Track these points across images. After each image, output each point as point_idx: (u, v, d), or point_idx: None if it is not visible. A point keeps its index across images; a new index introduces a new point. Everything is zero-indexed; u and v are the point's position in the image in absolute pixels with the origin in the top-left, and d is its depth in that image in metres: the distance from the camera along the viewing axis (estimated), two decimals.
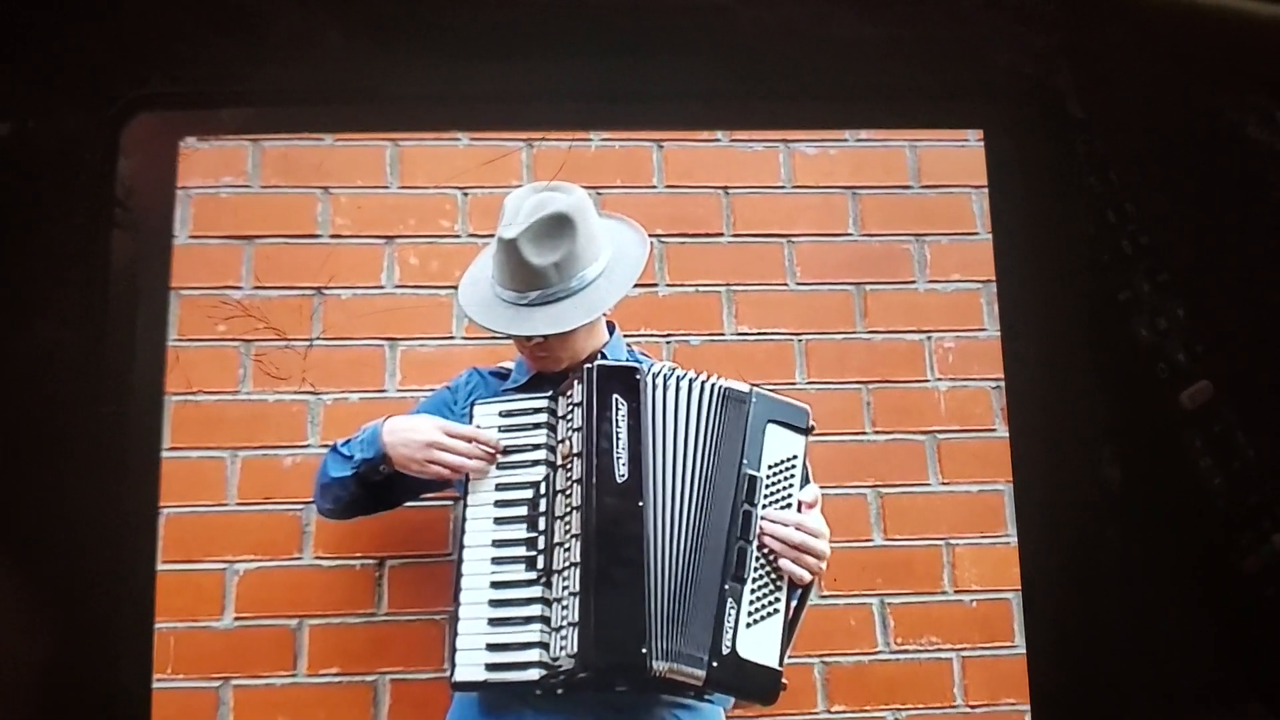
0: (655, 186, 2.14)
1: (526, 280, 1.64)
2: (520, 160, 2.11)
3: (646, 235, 1.77)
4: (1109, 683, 1.21)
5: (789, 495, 1.61)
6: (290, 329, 2.00)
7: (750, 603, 1.55)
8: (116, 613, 1.25)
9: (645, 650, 1.49)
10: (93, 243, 1.21)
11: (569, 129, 2.04)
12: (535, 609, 1.56)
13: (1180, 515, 1.21)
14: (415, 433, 1.65)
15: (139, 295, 1.28)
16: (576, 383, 1.60)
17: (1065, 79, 1.18)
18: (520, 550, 1.59)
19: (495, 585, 1.58)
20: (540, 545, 1.58)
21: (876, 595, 2.03)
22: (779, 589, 1.57)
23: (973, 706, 1.99)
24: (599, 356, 1.72)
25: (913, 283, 2.13)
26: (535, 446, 1.63)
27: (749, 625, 1.54)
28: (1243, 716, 1.18)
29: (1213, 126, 1.14)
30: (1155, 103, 1.17)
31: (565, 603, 1.53)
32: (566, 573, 1.54)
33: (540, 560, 1.58)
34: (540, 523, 1.59)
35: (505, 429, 1.65)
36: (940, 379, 2.10)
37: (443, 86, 1.29)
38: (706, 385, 1.61)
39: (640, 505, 1.55)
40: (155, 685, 1.35)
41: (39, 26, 1.13)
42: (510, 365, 1.81)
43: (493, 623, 1.57)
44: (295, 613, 1.91)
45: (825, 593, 2.01)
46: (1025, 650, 1.39)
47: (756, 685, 1.55)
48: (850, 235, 2.15)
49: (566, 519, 1.56)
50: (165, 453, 1.75)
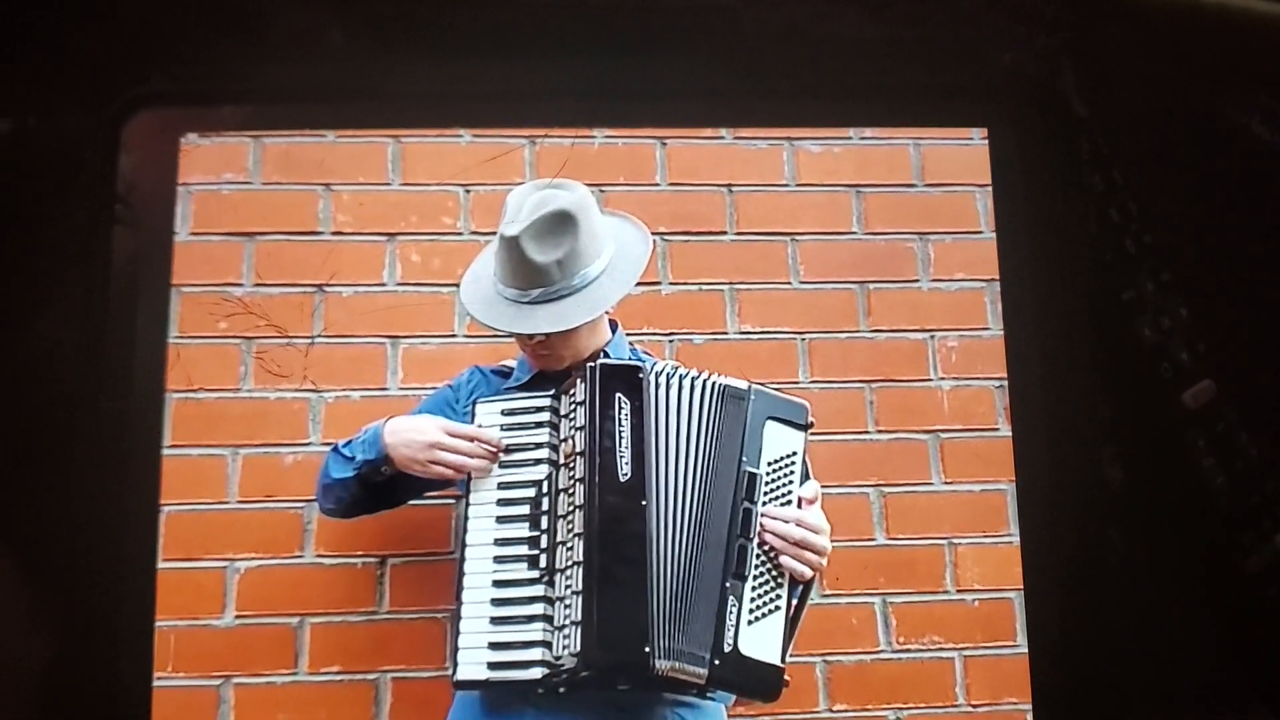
0: (658, 184, 2.14)
1: (529, 278, 1.64)
2: (523, 157, 2.11)
3: (649, 233, 1.76)
4: (1111, 683, 1.21)
5: (789, 492, 1.61)
6: (292, 326, 2.00)
7: (751, 600, 1.55)
8: (117, 611, 1.25)
9: (648, 649, 1.49)
10: (93, 240, 1.21)
11: (572, 126, 2.04)
12: (538, 607, 1.56)
13: (1183, 515, 1.21)
14: (417, 433, 1.64)
15: (140, 292, 1.27)
16: (579, 381, 1.60)
17: (1068, 78, 1.18)
18: (523, 549, 1.59)
19: (497, 584, 1.58)
20: (543, 544, 1.58)
21: (879, 594, 2.03)
22: (780, 586, 1.57)
23: (974, 706, 1.99)
24: (601, 355, 1.72)
25: (916, 281, 2.13)
26: (538, 445, 1.63)
27: (750, 623, 1.54)
28: (1245, 717, 1.18)
29: (1216, 125, 1.14)
30: (1158, 102, 1.16)
31: (568, 601, 1.53)
32: (569, 571, 1.54)
33: (543, 559, 1.58)
34: (543, 521, 1.59)
35: (507, 427, 1.65)
36: (943, 378, 2.10)
37: (445, 83, 1.29)
38: (705, 383, 1.61)
39: (643, 504, 1.55)
40: (156, 683, 1.34)
41: (39, 23, 1.13)
42: (512, 363, 1.81)
43: (495, 621, 1.57)
44: (296, 611, 1.91)
45: (827, 592, 2.01)
46: (1027, 650, 1.39)
47: (759, 682, 1.55)
48: (854, 234, 2.15)
49: (569, 517, 1.56)
50: (166, 450, 1.75)
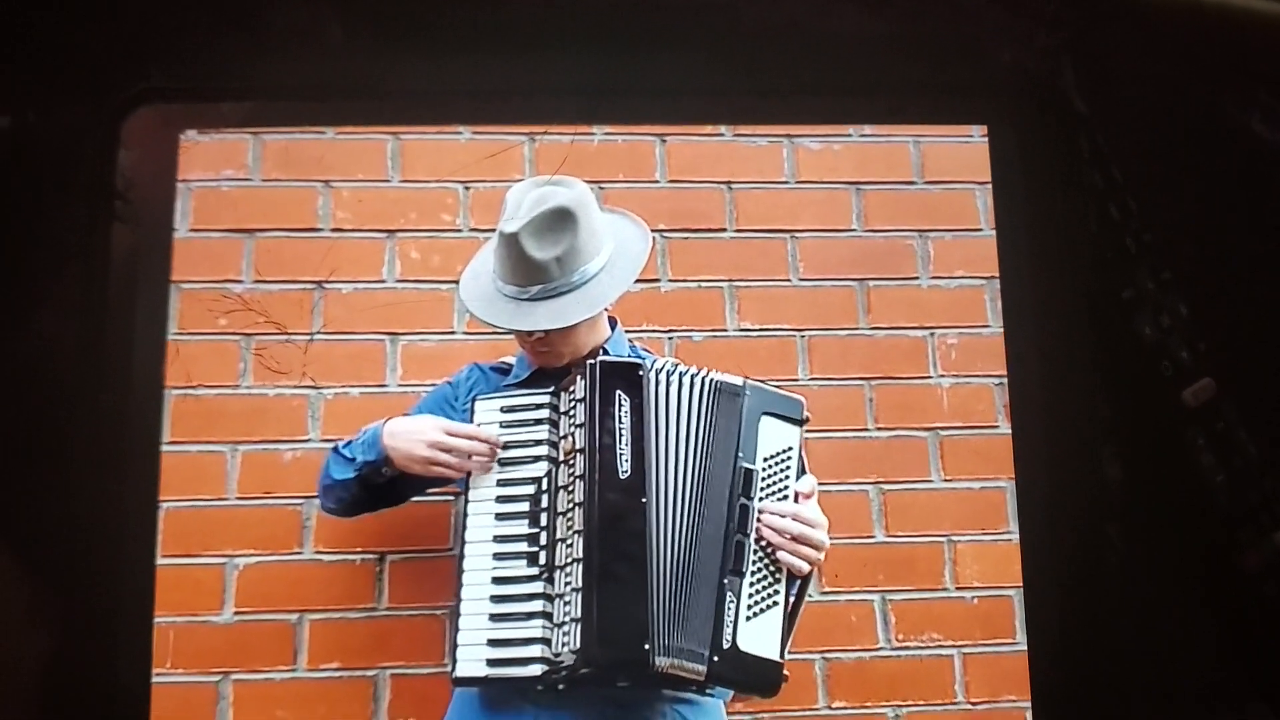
0: (658, 181, 2.14)
1: (528, 274, 1.63)
2: (522, 154, 2.11)
3: (649, 230, 1.76)
4: (1110, 680, 1.21)
5: (785, 487, 1.60)
6: (291, 323, 2.00)
7: (749, 596, 1.55)
8: (116, 607, 1.25)
9: (647, 646, 1.49)
10: (92, 236, 1.20)
11: (571, 123, 2.04)
12: (537, 604, 1.56)
13: (1182, 512, 1.21)
14: (416, 434, 1.64)
15: (139, 288, 1.27)
16: (579, 378, 1.60)
17: (1068, 76, 1.18)
18: (522, 546, 1.59)
19: (497, 581, 1.58)
20: (542, 541, 1.58)
21: (878, 591, 2.03)
22: (778, 581, 1.57)
23: (974, 703, 1.99)
24: (601, 352, 1.72)
25: (916, 279, 2.13)
26: (537, 442, 1.63)
27: (749, 619, 1.54)
28: (1243, 714, 1.18)
29: (1217, 123, 1.14)
30: (1159, 100, 1.16)
31: (567, 598, 1.53)
32: (569, 568, 1.54)
33: (542, 556, 1.58)
34: (542, 518, 1.59)
35: (507, 424, 1.65)
36: (943, 375, 2.10)
37: (444, 81, 1.28)
38: (700, 379, 1.61)
39: (643, 501, 1.55)
40: (155, 680, 1.34)
41: (39, 20, 1.12)
42: (511, 360, 1.81)
43: (494, 618, 1.57)
44: (295, 607, 1.91)
45: (827, 589, 2.01)
46: (1026, 647, 1.39)
47: (758, 678, 1.55)
48: (854, 231, 2.15)
49: (569, 515, 1.56)
50: (165, 447, 1.76)
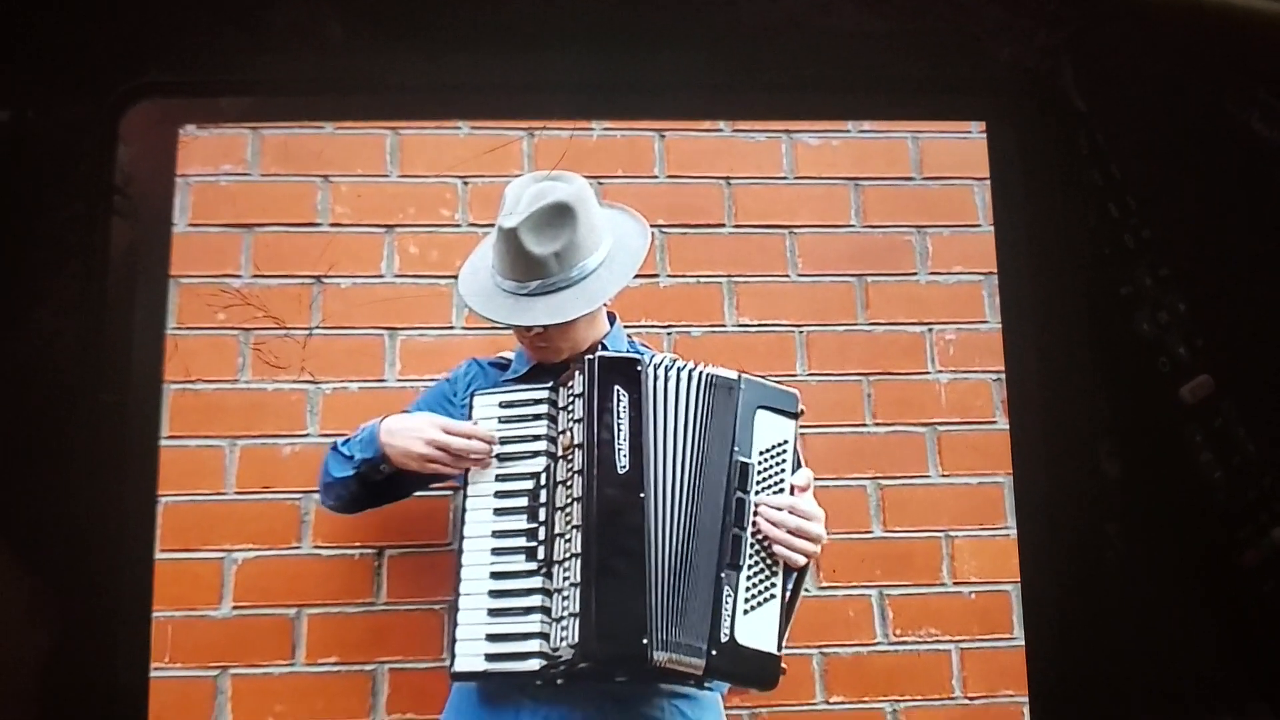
0: (657, 176, 2.13)
1: (527, 270, 1.63)
2: (521, 149, 2.11)
3: (648, 225, 1.76)
4: (1108, 675, 1.21)
5: (781, 480, 1.60)
6: (289, 318, 2.00)
7: (746, 590, 1.55)
8: (114, 601, 1.25)
9: (645, 641, 1.49)
10: (92, 231, 1.20)
11: (570, 118, 2.03)
12: (535, 599, 1.56)
13: (1180, 509, 1.21)
14: (413, 432, 1.64)
15: (138, 283, 1.27)
16: (578, 374, 1.60)
17: (1068, 73, 1.18)
18: (520, 541, 1.59)
19: (495, 576, 1.58)
20: (541, 536, 1.58)
21: (875, 586, 2.03)
22: (774, 574, 1.57)
23: (971, 698, 1.99)
24: (599, 347, 1.72)
25: (914, 274, 2.13)
26: (536, 437, 1.63)
27: (746, 612, 1.54)
28: (1240, 708, 1.19)
29: (1215, 121, 1.14)
30: (1158, 97, 1.17)
31: (566, 593, 1.53)
32: (567, 563, 1.54)
33: (541, 551, 1.58)
34: (541, 513, 1.59)
35: (505, 420, 1.65)
36: (941, 371, 2.10)
37: (443, 76, 1.28)
38: (695, 373, 1.61)
39: (641, 496, 1.55)
40: (153, 674, 1.34)
41: (39, 16, 1.12)
42: (510, 355, 1.81)
43: (493, 613, 1.57)
44: (294, 602, 1.91)
45: (824, 584, 2.01)
46: (1024, 642, 1.39)
47: (756, 672, 1.55)
48: (852, 226, 2.15)
49: (567, 510, 1.56)
50: (164, 441, 1.76)
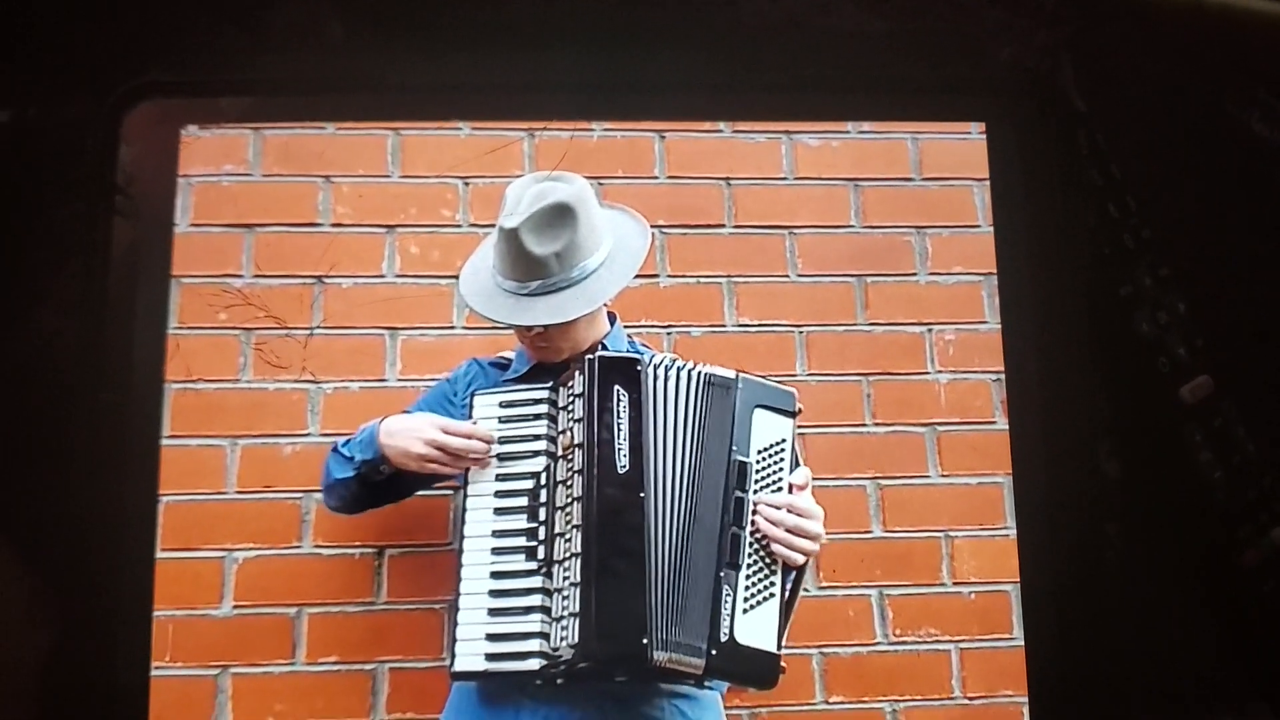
0: (657, 177, 2.13)
1: (527, 270, 1.64)
2: (522, 150, 2.11)
3: (648, 225, 1.76)
4: (1107, 675, 1.21)
5: (779, 479, 1.60)
6: (291, 318, 2.00)
7: (746, 589, 1.55)
8: (115, 601, 1.25)
9: (645, 640, 1.49)
10: (93, 230, 1.21)
11: (570, 119, 2.03)
12: (536, 599, 1.56)
13: (1179, 509, 1.21)
14: (413, 432, 1.64)
15: (139, 283, 1.28)
16: (578, 373, 1.60)
17: (1067, 73, 1.18)
18: (521, 540, 1.59)
19: (495, 575, 1.58)
20: (541, 536, 1.58)
21: (875, 586, 2.03)
22: (773, 573, 1.57)
23: (971, 698, 1.99)
24: (600, 347, 1.72)
25: (914, 275, 2.13)
26: (536, 437, 1.63)
27: (745, 611, 1.54)
28: (1239, 707, 1.19)
29: (1215, 122, 1.14)
30: (1158, 97, 1.17)
31: (566, 593, 1.53)
32: (567, 563, 1.54)
33: (541, 551, 1.58)
34: (541, 513, 1.59)
35: (505, 419, 1.65)
36: (941, 371, 2.10)
37: (444, 76, 1.29)
38: (693, 373, 1.61)
39: (641, 496, 1.55)
40: (154, 673, 1.35)
41: (41, 15, 1.13)
42: (510, 355, 1.81)
43: (493, 613, 1.57)
44: (294, 601, 1.91)
45: (824, 583, 2.01)
46: (1023, 642, 1.39)
47: (755, 670, 1.55)
48: (852, 227, 2.15)
49: (567, 509, 1.56)
50: (165, 441, 1.76)
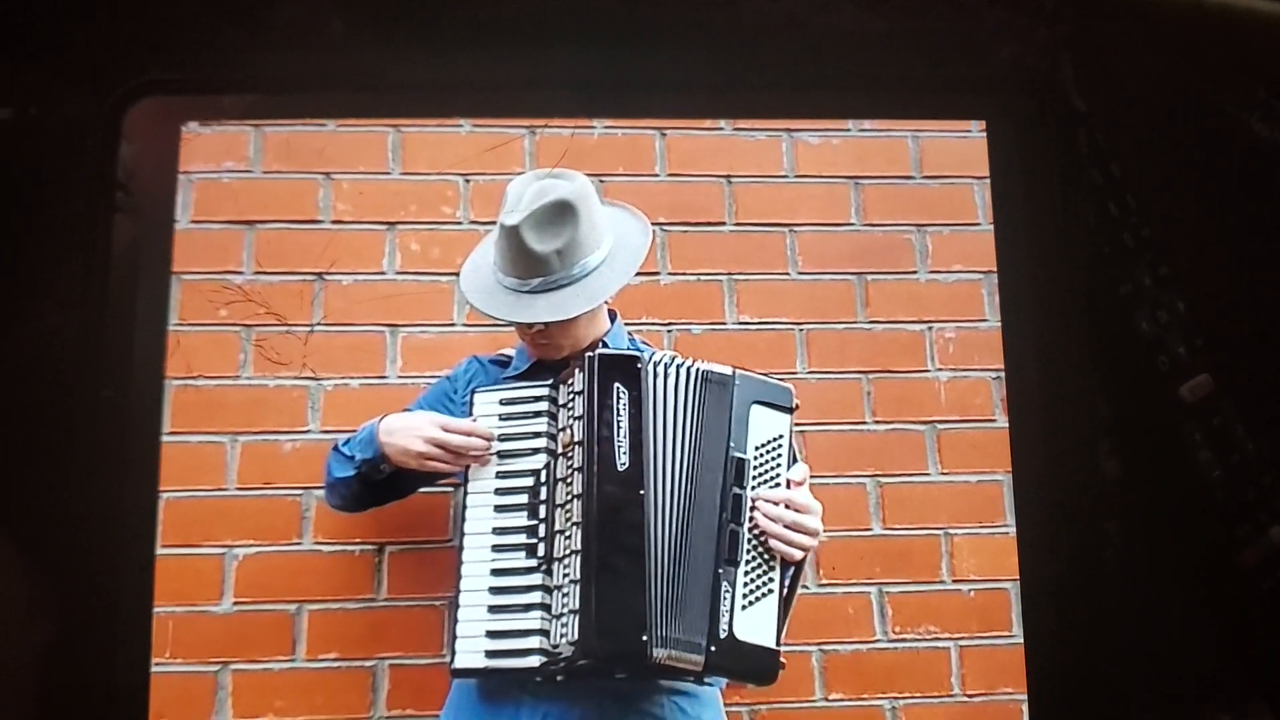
0: (658, 175, 2.13)
1: (528, 267, 1.64)
2: (522, 147, 2.11)
3: (649, 223, 1.76)
4: (1106, 672, 1.21)
5: (777, 475, 1.61)
6: (291, 314, 2.00)
7: (744, 585, 1.55)
8: (116, 597, 1.26)
9: (645, 638, 1.50)
10: (94, 227, 1.21)
11: (571, 116, 2.03)
12: (536, 596, 1.56)
13: (1179, 508, 1.21)
14: (412, 430, 1.64)
15: (140, 279, 1.28)
16: (578, 371, 1.60)
17: (1067, 72, 1.18)
18: (521, 538, 1.59)
19: (496, 573, 1.58)
20: (541, 533, 1.58)
21: (875, 584, 2.03)
22: (772, 569, 1.57)
23: (970, 696, 1.99)
24: (600, 344, 1.72)
25: (914, 273, 2.13)
26: (536, 434, 1.63)
27: (744, 607, 1.54)
28: (1237, 705, 1.19)
29: (1216, 121, 1.14)
30: (1158, 97, 1.17)
31: (566, 590, 1.53)
32: (567, 560, 1.54)
33: (541, 548, 1.58)
34: (541, 510, 1.59)
35: (505, 417, 1.65)
36: (941, 369, 2.10)
37: (445, 73, 1.29)
38: (691, 370, 1.61)
39: (641, 493, 1.55)
40: (154, 669, 1.35)
41: (42, 12, 1.13)
42: (511, 352, 1.81)
43: (493, 610, 1.57)
44: (294, 598, 1.91)
45: (824, 581, 2.01)
46: (1023, 640, 1.39)
47: (755, 666, 1.55)
48: (852, 225, 2.15)
49: (567, 507, 1.56)
50: (165, 437, 1.76)
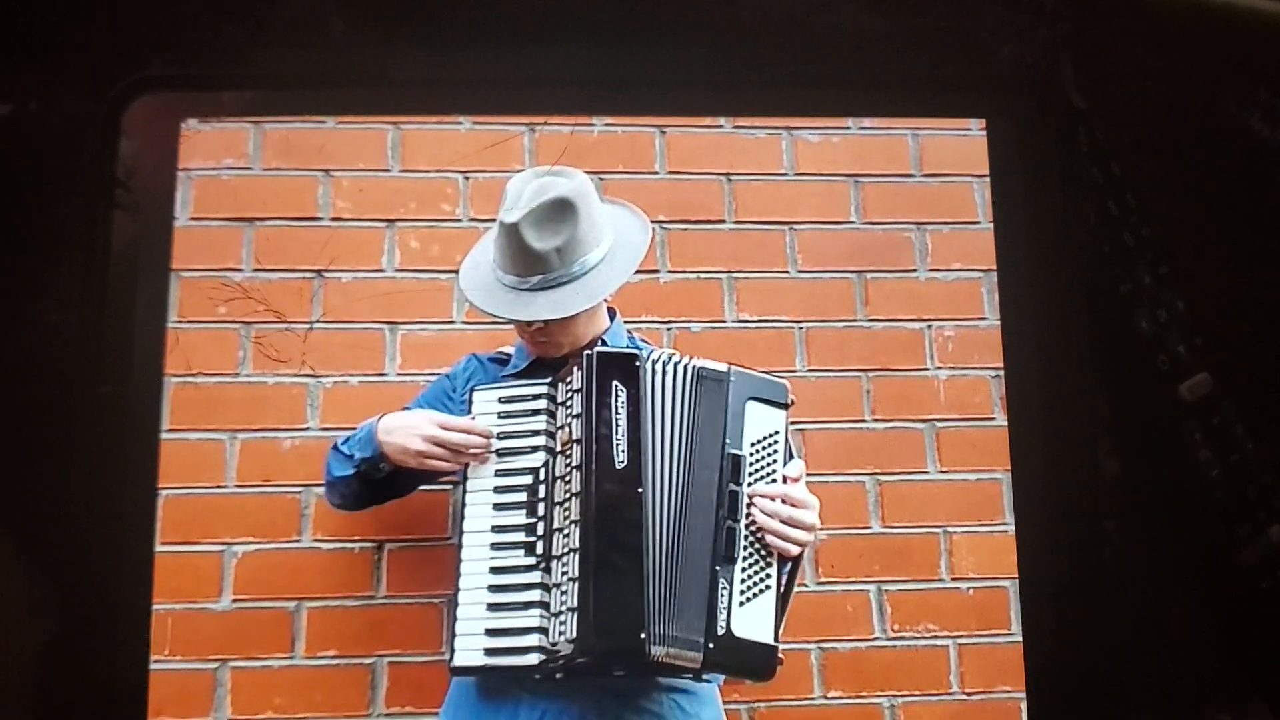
0: (657, 172, 2.13)
1: (528, 265, 1.64)
2: (522, 144, 2.11)
3: (649, 221, 1.76)
4: (1105, 671, 1.22)
5: (773, 471, 1.60)
6: (290, 311, 2.00)
7: (742, 581, 1.55)
8: (115, 594, 1.26)
9: (644, 635, 1.50)
10: (93, 224, 1.21)
11: (571, 114, 2.03)
12: (534, 594, 1.56)
13: (1178, 507, 1.21)
14: (411, 429, 1.64)
15: (139, 276, 1.28)
16: (576, 369, 1.60)
17: (1067, 71, 1.18)
18: (520, 536, 1.59)
19: (494, 570, 1.59)
20: (539, 531, 1.59)
21: (874, 582, 2.03)
22: (769, 565, 1.57)
23: (969, 694, 1.99)
24: (599, 343, 1.72)
25: (914, 271, 2.13)
26: (535, 433, 1.63)
27: (742, 604, 1.54)
28: (1236, 703, 1.19)
29: (1216, 120, 1.14)
30: (1158, 95, 1.17)
31: (564, 588, 1.53)
32: (566, 558, 1.54)
33: (539, 546, 1.58)
34: (539, 509, 1.59)
35: (504, 415, 1.65)
36: (940, 368, 2.10)
37: (445, 71, 1.29)
38: (686, 367, 1.61)
39: (639, 491, 1.55)
40: (153, 666, 1.35)
41: (42, 9, 1.13)
42: (510, 350, 1.81)
43: (492, 608, 1.57)
44: (293, 595, 1.91)
45: (823, 579, 2.01)
46: (1021, 638, 1.40)
47: (753, 663, 1.55)
48: (852, 223, 2.15)
49: (566, 505, 1.56)
50: (164, 434, 1.76)
